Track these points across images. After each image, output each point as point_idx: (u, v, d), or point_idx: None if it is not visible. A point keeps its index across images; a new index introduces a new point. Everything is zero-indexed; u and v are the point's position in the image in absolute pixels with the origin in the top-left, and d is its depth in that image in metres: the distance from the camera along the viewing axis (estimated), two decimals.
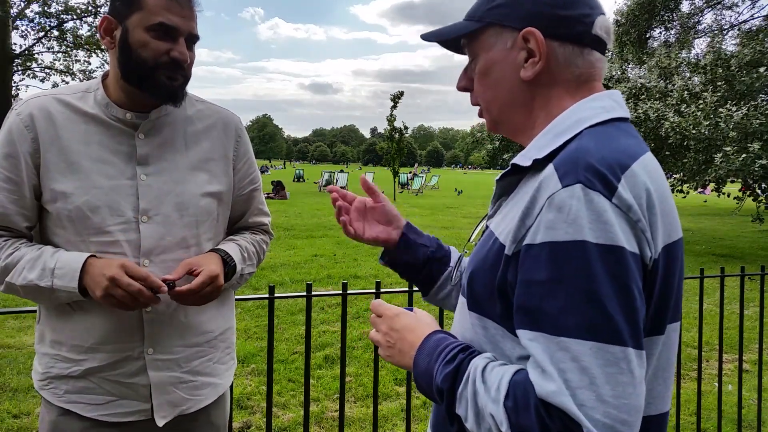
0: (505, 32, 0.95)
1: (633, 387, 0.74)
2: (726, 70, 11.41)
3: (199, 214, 1.44)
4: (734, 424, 3.25)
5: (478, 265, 0.91)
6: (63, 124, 1.37)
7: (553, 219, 0.78)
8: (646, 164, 0.84)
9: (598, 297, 0.75)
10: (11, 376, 4.25)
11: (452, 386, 0.85)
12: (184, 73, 1.39)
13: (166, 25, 1.33)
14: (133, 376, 1.40)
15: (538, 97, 0.95)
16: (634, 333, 0.76)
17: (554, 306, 0.77)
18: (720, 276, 2.85)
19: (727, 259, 10.59)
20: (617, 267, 0.76)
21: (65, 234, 1.37)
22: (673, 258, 0.85)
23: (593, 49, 0.94)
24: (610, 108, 0.91)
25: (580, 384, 0.73)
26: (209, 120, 1.52)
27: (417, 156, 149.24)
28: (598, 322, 0.74)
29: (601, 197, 0.77)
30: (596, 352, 0.74)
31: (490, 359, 0.86)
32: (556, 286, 0.77)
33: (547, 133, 0.91)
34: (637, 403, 0.75)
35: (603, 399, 0.73)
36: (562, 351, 0.75)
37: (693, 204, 21.84)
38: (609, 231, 0.76)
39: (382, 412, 3.79)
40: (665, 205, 0.84)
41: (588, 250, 0.76)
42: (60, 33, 20.75)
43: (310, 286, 2.09)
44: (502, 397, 0.78)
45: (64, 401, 1.40)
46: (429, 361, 0.91)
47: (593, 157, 0.80)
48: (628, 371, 0.74)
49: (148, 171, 1.40)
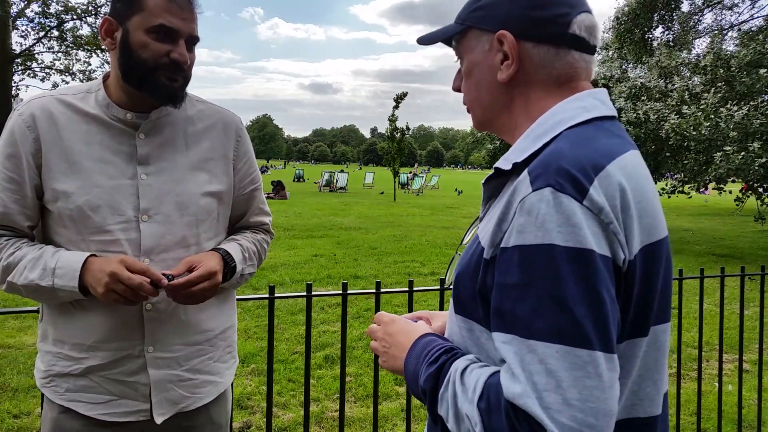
0: (483, 35, 0.97)
1: (601, 391, 0.74)
2: (726, 70, 11.41)
3: (199, 213, 1.45)
4: (734, 424, 3.25)
5: (463, 268, 0.92)
6: (64, 125, 1.38)
7: (524, 222, 0.79)
8: (624, 164, 0.84)
9: (566, 301, 0.75)
10: (11, 376, 4.25)
11: (434, 387, 0.86)
12: (184, 75, 1.40)
13: (166, 26, 1.33)
14: (134, 375, 1.40)
15: (517, 99, 0.96)
16: (603, 337, 0.75)
17: (525, 309, 0.77)
18: (720, 276, 2.85)
19: (727, 259, 10.59)
20: (586, 270, 0.76)
21: (66, 233, 1.38)
22: (654, 259, 0.85)
23: (572, 49, 0.93)
24: (592, 107, 0.91)
25: (547, 387, 0.73)
26: (210, 120, 1.53)
27: (417, 156, 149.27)
28: (565, 325, 0.74)
29: (570, 200, 0.77)
30: (563, 355, 0.74)
31: (471, 361, 0.87)
32: (526, 290, 0.77)
33: (527, 135, 0.91)
34: (605, 406, 0.74)
35: (569, 402, 0.72)
36: (530, 353, 0.75)
37: (693, 204, 21.84)
38: (578, 234, 0.76)
39: (382, 412, 3.79)
40: (644, 205, 0.84)
41: (556, 254, 0.76)
42: (60, 33, 20.76)
43: (310, 286, 2.09)
44: (477, 398, 0.79)
45: (65, 399, 1.41)
46: (416, 363, 0.92)
47: (565, 160, 0.80)
48: (596, 375, 0.74)
49: (149, 171, 1.41)
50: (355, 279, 7.96)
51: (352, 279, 7.94)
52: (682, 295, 2.81)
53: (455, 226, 14.68)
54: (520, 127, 0.96)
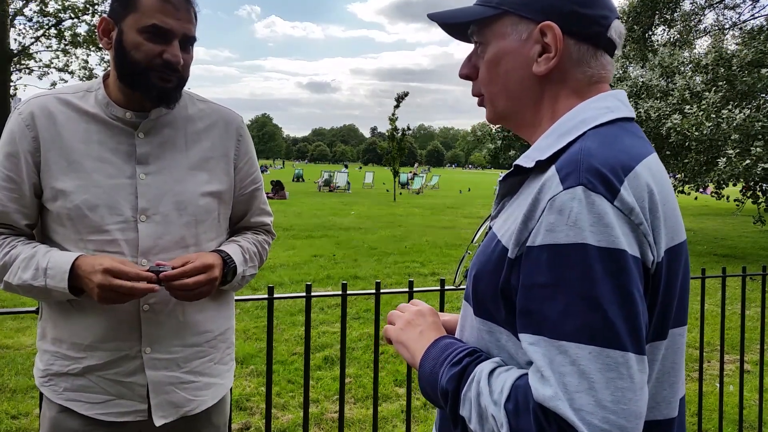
0: (522, 23, 0.92)
1: (633, 392, 0.73)
2: (727, 69, 11.40)
3: (198, 213, 1.44)
4: (735, 424, 3.23)
5: (481, 267, 0.90)
6: (64, 123, 1.38)
7: (554, 221, 0.77)
8: (650, 166, 0.83)
9: (599, 301, 0.74)
10: (10, 376, 4.24)
11: (457, 388, 0.85)
12: (178, 75, 1.38)
13: (158, 26, 1.32)
14: (131, 375, 1.40)
15: (547, 94, 0.93)
16: (635, 338, 0.75)
17: (554, 310, 0.76)
18: (721, 276, 2.83)
19: (728, 260, 10.58)
20: (618, 270, 0.75)
21: (65, 232, 1.37)
22: (675, 261, 0.84)
23: (606, 52, 0.93)
24: (615, 108, 0.90)
25: (579, 388, 0.72)
26: (211, 119, 1.52)
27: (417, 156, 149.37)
28: (598, 326, 0.73)
29: (602, 200, 0.76)
30: (596, 356, 0.73)
31: (498, 363, 0.85)
32: (557, 290, 0.76)
33: (551, 134, 0.90)
34: (637, 409, 0.73)
35: (602, 404, 0.72)
36: (561, 355, 0.74)
37: (695, 204, 21.84)
38: (610, 234, 0.75)
39: (382, 414, 3.78)
40: (668, 208, 0.83)
41: (589, 253, 0.75)
42: (58, 31, 20.77)
43: (309, 287, 2.08)
44: (504, 399, 0.78)
45: (63, 398, 1.41)
46: (434, 365, 0.90)
47: (596, 159, 0.79)
48: (628, 376, 0.73)
49: (148, 170, 1.40)
50: (354, 279, 7.95)
51: (352, 279, 7.93)
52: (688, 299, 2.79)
53: (455, 226, 14.67)
54: (542, 125, 0.94)
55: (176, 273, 1.32)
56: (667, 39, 17.35)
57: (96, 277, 1.26)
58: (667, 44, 15.58)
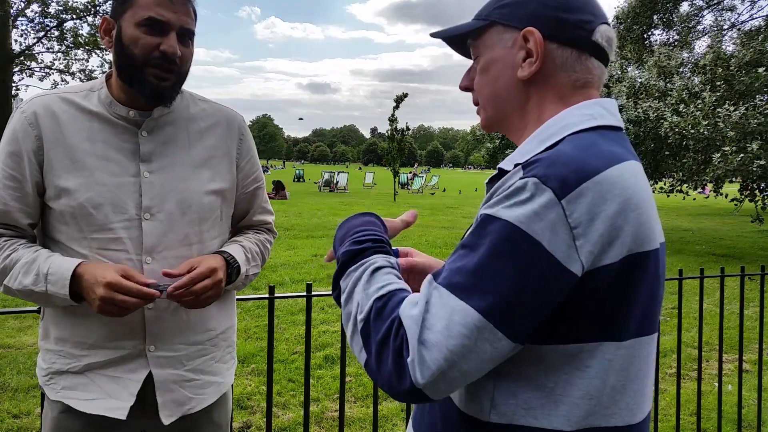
0: (507, 31, 0.96)
1: (471, 354, 0.79)
2: (725, 69, 11.40)
3: (201, 211, 1.45)
4: (734, 424, 3.25)
5: None
6: (67, 122, 1.38)
7: (500, 198, 0.83)
8: (621, 172, 0.84)
9: (488, 271, 0.79)
10: (11, 376, 4.24)
11: (347, 262, 0.94)
12: (177, 71, 1.38)
13: (154, 18, 1.33)
14: (132, 373, 1.40)
15: (533, 98, 0.96)
16: (505, 317, 0.79)
17: (456, 265, 0.83)
18: (720, 276, 2.85)
19: (727, 259, 10.58)
20: (523, 256, 0.79)
21: (68, 230, 1.37)
22: (639, 268, 0.84)
23: (592, 56, 0.95)
24: (599, 116, 0.92)
25: (433, 326, 0.79)
26: (213, 119, 1.52)
27: (417, 156, 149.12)
28: (476, 290, 0.79)
29: (549, 194, 0.79)
30: (459, 311, 0.79)
31: (390, 264, 0.93)
32: (468, 251, 0.83)
33: (533, 139, 0.93)
34: (467, 368, 0.79)
35: (441, 347, 0.78)
36: (438, 297, 0.81)
37: (693, 204, 21.83)
38: (536, 224, 0.79)
39: (382, 412, 3.79)
40: (638, 214, 0.83)
41: (507, 230, 0.80)
42: (60, 32, 20.76)
43: (310, 286, 2.09)
44: (377, 295, 0.86)
45: (61, 396, 1.41)
46: (345, 234, 1.00)
47: (561, 159, 0.82)
48: (476, 339, 0.78)
49: (152, 168, 1.40)
50: None
51: None
52: (682, 295, 2.81)
53: (455, 226, 14.67)
54: (529, 129, 0.97)
55: (184, 282, 1.32)
56: (666, 40, 17.35)
57: (98, 290, 1.25)
58: (666, 45, 15.57)
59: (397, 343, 0.81)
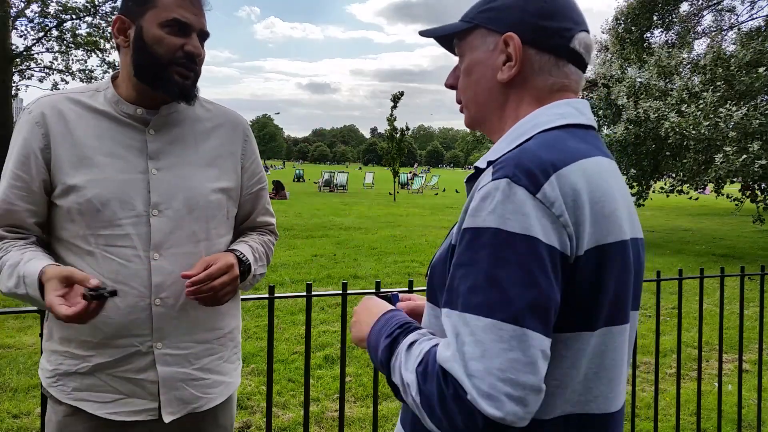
0: (489, 35, 1.01)
1: (523, 365, 0.78)
2: (726, 69, 11.41)
3: (208, 209, 1.46)
4: (734, 424, 3.25)
5: (436, 259, 0.99)
6: (75, 120, 1.39)
7: (477, 207, 0.85)
8: (585, 167, 0.88)
9: (501, 281, 0.80)
10: (11, 376, 4.25)
11: (388, 357, 0.93)
12: (195, 70, 1.42)
13: (179, 20, 1.36)
14: (142, 372, 1.39)
15: (511, 100, 1.01)
16: (533, 317, 0.80)
17: (465, 286, 0.83)
18: (720, 276, 2.85)
19: (727, 259, 10.59)
20: (527, 255, 0.80)
21: (74, 228, 1.37)
22: (608, 259, 0.88)
23: (570, 62, 0.99)
24: (568, 115, 0.96)
25: (473, 355, 0.79)
26: (218, 120, 1.55)
27: (417, 156, 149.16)
28: (497, 302, 0.80)
29: (524, 191, 0.82)
30: (490, 328, 0.79)
31: (422, 335, 0.92)
32: (469, 269, 0.83)
33: (506, 137, 0.97)
34: (527, 380, 0.78)
35: (491, 371, 0.77)
36: (464, 326, 0.81)
37: (693, 204, 21.83)
38: (525, 222, 0.81)
39: (382, 412, 3.79)
40: (603, 207, 0.88)
41: (500, 238, 0.81)
42: (59, 33, 20.76)
43: (310, 286, 2.09)
44: (416, 364, 0.85)
45: (72, 399, 1.40)
46: (377, 338, 0.99)
47: (527, 156, 0.86)
48: (520, 350, 0.78)
49: (159, 165, 1.42)
50: (354, 279, 7.96)
51: (352, 279, 7.94)
52: (682, 295, 2.81)
53: None
54: (506, 129, 1.00)
55: (201, 277, 1.33)
56: (665, 41, 17.35)
57: (48, 297, 1.21)
58: (665, 46, 15.58)
59: (451, 390, 0.79)
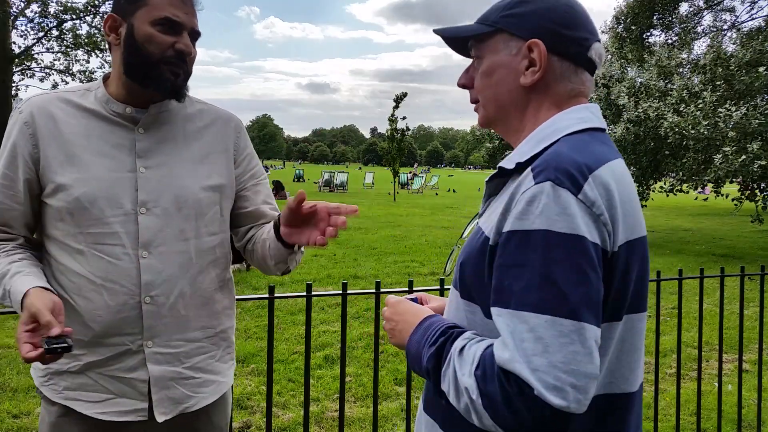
0: (513, 40, 1.05)
1: (583, 356, 0.83)
2: (725, 69, 11.41)
3: (198, 207, 1.45)
4: (734, 424, 3.25)
5: (467, 257, 1.02)
6: (63, 120, 1.41)
7: (523, 210, 0.89)
8: (613, 169, 0.95)
9: (556, 279, 0.85)
10: (11, 376, 4.25)
11: (437, 365, 0.95)
12: (185, 68, 1.42)
13: (170, 19, 1.37)
14: (133, 371, 1.40)
15: (532, 104, 1.06)
16: (587, 311, 0.85)
17: (519, 285, 0.87)
18: (720, 276, 2.85)
19: (726, 259, 10.59)
20: (577, 253, 0.86)
21: (64, 227, 1.39)
22: (633, 254, 0.95)
23: (586, 70, 1.06)
24: (587, 119, 1.03)
25: (535, 351, 0.83)
26: (209, 118, 1.55)
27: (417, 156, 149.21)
28: (554, 299, 0.84)
29: (567, 193, 0.88)
30: (551, 324, 0.84)
31: (469, 339, 0.95)
32: (522, 269, 0.87)
33: (530, 140, 1.02)
34: (587, 370, 0.83)
35: (554, 365, 0.82)
36: (522, 324, 0.85)
37: (693, 204, 21.83)
38: (572, 222, 0.86)
39: (382, 412, 3.80)
40: (628, 206, 0.95)
41: (551, 238, 0.86)
42: (59, 33, 20.76)
43: (310, 286, 2.09)
44: (474, 368, 0.88)
45: (63, 398, 1.40)
46: (418, 345, 1.01)
47: (565, 160, 0.91)
48: (579, 342, 0.83)
49: (148, 164, 1.42)
50: (354, 279, 7.96)
51: (352, 279, 7.94)
52: (682, 295, 2.81)
53: (455, 226, 14.69)
54: (525, 130, 1.05)
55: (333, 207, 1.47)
56: (665, 41, 17.36)
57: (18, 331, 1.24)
58: (665, 46, 15.57)
59: (515, 388, 0.83)
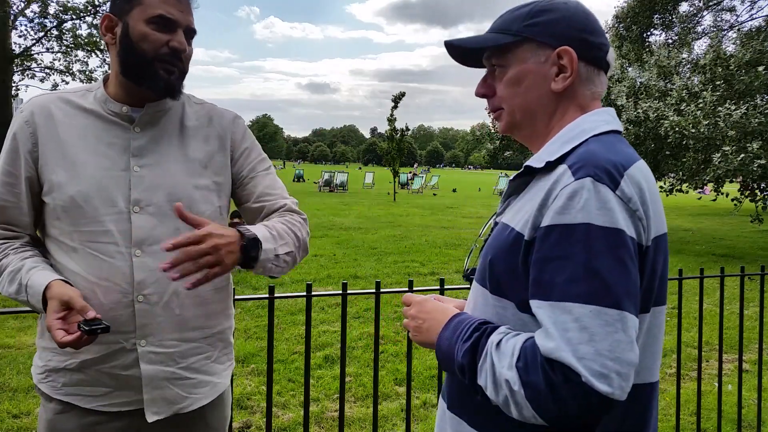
0: (540, 48, 1.08)
1: (627, 344, 0.87)
2: (725, 69, 11.41)
3: (192, 205, 1.44)
4: (734, 424, 3.25)
5: (496, 253, 1.04)
6: (62, 119, 1.43)
7: (564, 205, 0.92)
8: (641, 168, 1.00)
9: (599, 270, 0.88)
10: (11, 376, 4.25)
11: (472, 360, 0.97)
12: (181, 66, 1.43)
13: (165, 17, 1.38)
14: (127, 369, 1.40)
15: (560, 108, 1.10)
16: (630, 300, 0.89)
17: (561, 278, 0.90)
18: (720, 276, 2.85)
19: (726, 259, 10.60)
20: (617, 246, 0.90)
21: (61, 225, 1.40)
22: (659, 248, 1.00)
23: (604, 73, 1.11)
24: (609, 121, 1.08)
25: (581, 340, 0.86)
26: (206, 116, 1.55)
27: (417, 156, 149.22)
28: (598, 290, 0.88)
29: (607, 189, 0.92)
30: (596, 314, 0.87)
31: (504, 333, 0.97)
32: (565, 262, 0.90)
33: (556, 140, 1.06)
34: (630, 359, 0.87)
35: (601, 353, 0.85)
36: (565, 314, 0.88)
37: (693, 204, 21.84)
38: (612, 216, 0.90)
39: (382, 412, 3.80)
40: (656, 204, 1.00)
41: (593, 231, 0.90)
42: (59, 33, 20.76)
43: (309, 286, 2.10)
44: (515, 360, 0.90)
45: (62, 394, 1.41)
46: (450, 342, 1.03)
47: (601, 158, 0.96)
48: (623, 331, 0.87)
49: (142, 163, 1.43)
50: (354, 279, 7.96)
51: (352, 279, 7.94)
52: (682, 295, 2.81)
53: (455, 226, 14.68)
54: (552, 133, 1.09)
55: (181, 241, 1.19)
56: (665, 40, 17.36)
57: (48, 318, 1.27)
58: (665, 46, 15.57)
59: (560, 377, 0.86)
